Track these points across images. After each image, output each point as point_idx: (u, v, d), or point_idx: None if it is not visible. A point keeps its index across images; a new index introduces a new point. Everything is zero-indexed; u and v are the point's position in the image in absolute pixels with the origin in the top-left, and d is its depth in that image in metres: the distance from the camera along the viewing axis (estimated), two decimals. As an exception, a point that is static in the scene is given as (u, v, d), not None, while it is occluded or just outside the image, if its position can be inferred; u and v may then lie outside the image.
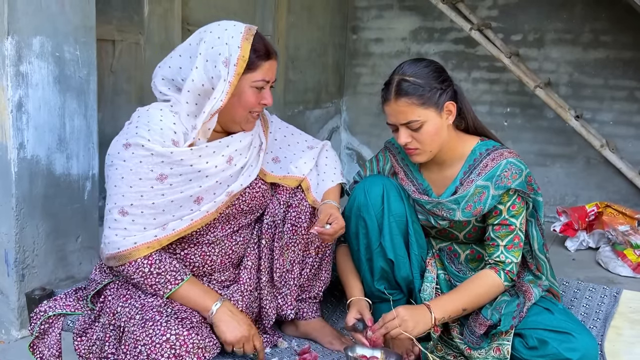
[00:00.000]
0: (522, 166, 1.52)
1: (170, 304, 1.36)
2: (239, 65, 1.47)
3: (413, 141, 1.50)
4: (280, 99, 4.36)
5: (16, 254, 2.24)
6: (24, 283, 2.28)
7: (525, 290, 1.48)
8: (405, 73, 1.52)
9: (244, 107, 1.52)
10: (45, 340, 1.48)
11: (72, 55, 2.35)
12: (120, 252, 1.35)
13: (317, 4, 4.68)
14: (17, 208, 2.22)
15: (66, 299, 1.55)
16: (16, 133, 2.19)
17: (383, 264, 1.54)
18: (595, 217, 3.72)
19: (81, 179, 2.45)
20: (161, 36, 3.22)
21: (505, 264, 1.48)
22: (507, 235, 1.49)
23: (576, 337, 1.34)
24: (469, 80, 4.78)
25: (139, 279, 1.37)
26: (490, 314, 1.43)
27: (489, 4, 4.61)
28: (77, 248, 2.47)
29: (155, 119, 1.47)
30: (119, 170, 1.40)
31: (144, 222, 1.35)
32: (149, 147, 1.40)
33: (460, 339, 1.48)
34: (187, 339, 1.26)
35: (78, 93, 2.39)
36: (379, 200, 1.52)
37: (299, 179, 1.66)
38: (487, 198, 1.49)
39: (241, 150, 1.55)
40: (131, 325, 1.29)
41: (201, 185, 1.44)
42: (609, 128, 4.27)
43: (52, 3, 2.24)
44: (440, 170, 1.60)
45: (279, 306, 1.59)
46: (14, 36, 2.14)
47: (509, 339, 1.37)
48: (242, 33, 1.52)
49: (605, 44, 4.26)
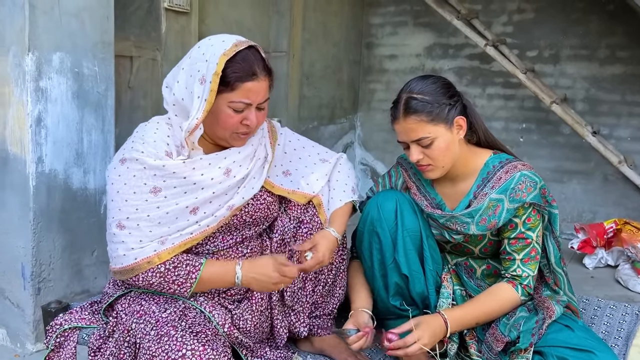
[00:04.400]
0: (536, 179, 1.51)
1: (184, 318, 1.35)
2: (213, 81, 1.40)
3: (425, 158, 1.49)
4: (294, 115, 4.38)
5: (32, 268, 2.26)
6: (40, 297, 2.29)
7: (547, 307, 1.45)
8: (412, 90, 1.51)
9: (222, 127, 1.45)
10: (60, 354, 1.47)
11: (91, 70, 2.38)
12: (124, 267, 1.35)
13: (332, 20, 4.72)
14: (35, 222, 2.23)
15: (81, 313, 1.55)
16: (35, 147, 2.21)
17: (398, 280, 1.52)
18: (614, 234, 3.66)
19: (98, 194, 2.46)
20: (178, 52, 3.25)
21: (522, 278, 1.46)
22: (523, 249, 1.47)
23: (598, 356, 1.30)
24: (484, 97, 4.77)
25: (159, 280, 1.35)
26: (508, 331, 1.40)
27: (503, 20, 4.61)
28: (92, 262, 2.48)
29: (150, 132, 1.46)
30: (115, 185, 1.40)
31: (140, 235, 1.34)
32: (142, 160, 1.40)
33: (479, 356, 1.45)
34: (203, 354, 1.25)
35: (96, 108, 2.41)
36: (393, 215, 1.51)
37: (309, 196, 1.62)
38: (501, 211, 1.47)
39: (240, 162, 1.51)
40: (146, 342, 1.28)
41: (197, 197, 1.41)
42: (626, 144, 4.22)
43: (72, 20, 2.28)
44: (454, 184, 1.58)
45: (292, 323, 1.57)
46: (34, 52, 2.17)
47: (528, 357, 1.34)
48: (225, 49, 1.44)
49: (622, 60, 4.23)
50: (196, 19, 3.37)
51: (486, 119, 4.74)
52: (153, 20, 3.12)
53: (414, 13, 4.95)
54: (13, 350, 2.34)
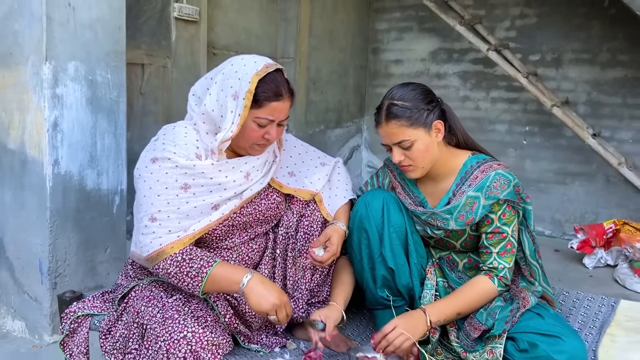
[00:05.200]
0: (510, 177, 1.60)
1: (188, 304, 1.48)
2: (247, 98, 1.53)
3: (406, 159, 1.60)
4: (301, 119, 4.50)
5: (49, 264, 2.39)
6: (56, 291, 2.42)
7: (523, 297, 1.55)
8: (394, 97, 1.62)
9: (246, 139, 1.60)
10: (74, 339, 1.61)
11: (104, 78, 2.52)
12: (150, 254, 1.46)
13: (338, 27, 4.84)
14: (51, 220, 2.37)
15: (94, 301, 1.69)
16: (51, 150, 2.35)
17: (384, 273, 1.63)
18: (613, 234, 3.73)
19: (110, 194, 2.60)
20: (187, 60, 3.39)
21: (499, 270, 1.56)
22: (499, 243, 1.57)
23: (565, 340, 1.41)
24: (488, 100, 4.86)
25: (175, 269, 1.46)
26: (484, 319, 1.51)
27: (506, 25, 4.70)
28: (105, 259, 2.61)
29: (181, 136, 1.59)
30: (147, 182, 1.52)
31: (169, 226, 1.47)
32: (174, 160, 1.53)
33: (457, 342, 1.56)
34: (202, 337, 1.37)
35: (109, 113, 2.55)
36: (380, 212, 1.62)
37: (313, 193, 1.77)
38: (478, 208, 1.57)
39: (258, 167, 1.67)
40: (153, 323, 1.41)
41: (220, 195, 1.55)
42: (628, 146, 4.28)
43: (86, 31, 2.42)
44: (435, 183, 1.69)
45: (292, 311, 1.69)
46: (51, 61, 2.32)
47: (502, 342, 1.45)
48: (257, 69, 1.56)
49: (623, 63, 4.29)
50: (205, 27, 3.51)
51: (490, 122, 4.85)
52: (163, 29, 3.26)
53: (419, 19, 5.06)
54: (31, 341, 2.48)
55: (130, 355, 1.44)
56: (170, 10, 3.24)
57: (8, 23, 2.38)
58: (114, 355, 1.49)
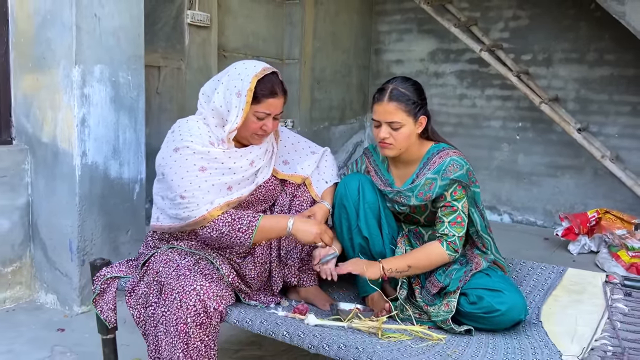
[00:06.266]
0: (463, 162, 1.88)
1: (197, 265, 1.78)
2: (248, 95, 1.82)
3: (390, 137, 1.89)
4: (306, 116, 4.80)
5: (78, 243, 2.71)
6: (84, 267, 2.74)
7: (476, 262, 1.84)
8: (398, 85, 1.91)
9: (247, 130, 1.90)
10: (104, 297, 1.93)
11: (125, 79, 2.84)
12: (195, 219, 1.77)
13: (341, 30, 5.13)
14: (80, 205, 2.69)
15: (120, 266, 1.99)
16: (80, 143, 2.67)
17: (360, 241, 1.93)
18: (596, 222, 3.98)
19: (131, 183, 2.91)
20: (200, 62, 3.70)
21: (448, 237, 1.85)
22: (450, 214, 1.86)
23: (505, 294, 1.69)
24: (483, 97, 5.12)
25: (228, 228, 1.78)
26: (443, 279, 1.80)
27: (500, 27, 4.96)
28: (127, 240, 2.93)
29: (195, 128, 1.90)
30: (173, 169, 1.83)
31: (197, 200, 1.78)
32: (192, 147, 1.83)
33: (421, 298, 1.84)
34: (209, 289, 1.66)
35: (129, 111, 2.87)
36: (356, 191, 1.93)
37: (303, 177, 2.07)
38: (435, 187, 1.86)
39: (260, 156, 1.97)
40: (169, 279, 1.70)
41: (231, 178, 1.86)
42: (614, 141, 4.52)
43: (110, 38, 2.74)
44: (402, 168, 1.99)
45: (285, 275, 2.00)
46: (80, 65, 2.63)
47: (456, 297, 1.73)
48: (256, 72, 1.84)
49: (609, 62, 4.54)
50: (216, 32, 3.82)
51: (485, 119, 5.13)
52: (178, 34, 3.58)
53: (418, 21, 5.33)
54: (62, 312, 2.80)
55: (151, 307, 1.74)
56: (183, 17, 3.56)
57: (42, 32, 2.71)
58: (137, 309, 1.80)
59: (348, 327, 1.66)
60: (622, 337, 1.57)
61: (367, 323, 1.65)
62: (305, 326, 1.62)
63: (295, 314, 1.73)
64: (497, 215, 5.09)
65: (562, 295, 1.92)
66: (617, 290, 1.90)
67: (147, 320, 1.76)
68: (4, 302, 2.83)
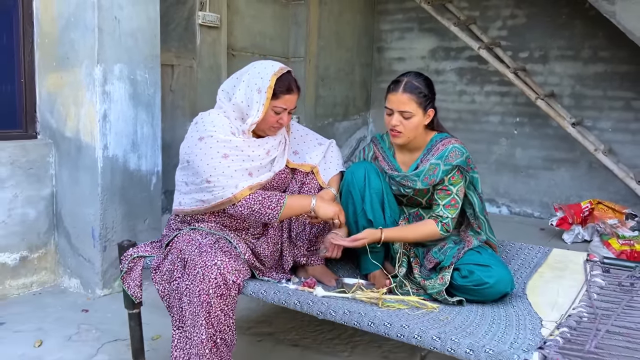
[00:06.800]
0: (463, 150, 2.06)
1: (217, 243, 1.96)
2: (268, 92, 2.02)
3: (400, 125, 2.08)
4: (311, 112, 4.99)
5: (100, 230, 2.91)
6: (106, 253, 2.94)
7: (468, 240, 2.03)
8: (412, 79, 2.11)
9: (265, 123, 2.10)
10: (131, 275, 2.12)
11: (142, 77, 3.03)
12: (223, 200, 1.97)
13: (344, 29, 5.31)
14: (102, 194, 2.89)
15: (145, 247, 2.18)
16: (102, 137, 2.87)
17: (365, 223, 2.11)
18: (589, 212, 4.16)
19: (148, 174, 3.11)
20: (210, 61, 3.89)
21: (443, 218, 2.04)
22: (445, 197, 2.05)
23: (493, 268, 1.87)
24: (482, 94, 5.30)
25: (258, 205, 1.97)
26: (438, 255, 1.99)
27: (498, 25, 5.13)
28: (144, 228, 3.12)
29: (217, 120, 2.11)
30: (198, 156, 2.03)
31: (223, 184, 1.98)
32: (216, 136, 2.03)
33: (419, 274, 2.02)
34: (228, 264, 1.84)
35: (147, 107, 3.06)
36: (362, 179, 2.11)
37: (312, 166, 2.27)
38: (438, 172, 2.05)
39: (275, 146, 2.17)
40: (192, 256, 1.88)
41: (250, 165, 2.06)
42: (608, 135, 4.69)
43: (128, 39, 2.93)
44: (409, 154, 2.18)
45: (295, 255, 2.19)
46: (101, 64, 2.83)
47: (449, 271, 1.92)
48: (275, 71, 2.05)
49: (603, 59, 4.71)
50: (225, 32, 4.01)
51: (484, 114, 5.31)
52: (190, 35, 3.77)
53: (419, 20, 5.51)
54: (85, 295, 3.00)
55: (175, 282, 1.93)
56: (195, 18, 3.75)
57: (66, 33, 2.90)
58: (162, 285, 1.99)
59: (352, 298, 1.85)
60: (596, 305, 1.76)
61: (369, 294, 1.84)
62: (314, 297, 1.81)
63: (304, 287, 1.93)
64: (495, 207, 5.27)
65: (546, 272, 2.10)
66: (596, 267, 2.09)
67: (171, 293, 1.95)
68: (31, 286, 3.03)
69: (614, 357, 1.42)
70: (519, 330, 1.64)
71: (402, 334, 1.55)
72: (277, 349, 2.44)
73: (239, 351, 2.33)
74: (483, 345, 1.44)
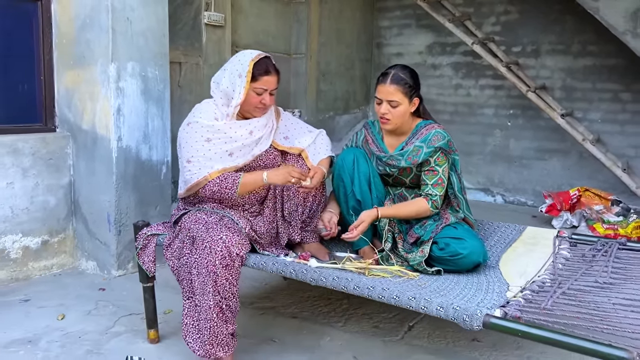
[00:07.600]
0: (445, 134, 2.29)
1: (222, 221, 2.19)
2: (247, 75, 2.29)
3: (388, 113, 2.31)
4: (313, 106, 5.21)
5: (115, 215, 3.15)
6: (120, 237, 3.18)
7: (446, 217, 2.26)
8: (398, 71, 2.33)
9: (248, 103, 2.33)
10: (145, 251, 2.36)
11: (153, 74, 3.26)
12: (195, 182, 2.20)
13: (345, 26, 5.52)
14: (116, 182, 3.13)
15: (157, 226, 2.42)
16: (116, 130, 3.10)
17: (354, 203, 2.34)
18: (577, 199, 4.36)
19: (159, 164, 3.35)
20: (215, 58, 4.12)
21: (432, 196, 2.27)
22: (433, 177, 2.28)
23: (467, 241, 2.10)
24: (477, 87, 5.50)
25: (217, 187, 2.21)
26: (419, 231, 2.22)
27: (492, 21, 5.33)
28: (155, 214, 3.36)
29: (205, 107, 2.35)
30: (184, 138, 2.28)
31: (200, 165, 2.21)
32: (200, 122, 2.27)
33: (402, 248, 2.25)
34: (233, 238, 2.07)
35: (157, 102, 3.29)
36: (351, 163, 2.35)
37: (300, 149, 2.50)
38: (421, 153, 2.29)
39: (259, 128, 2.39)
40: (200, 232, 2.11)
41: (232, 145, 2.29)
42: (597, 125, 4.89)
43: (139, 38, 3.17)
44: (396, 138, 2.41)
45: (290, 233, 2.42)
46: (115, 62, 3.06)
47: (428, 245, 2.15)
48: (252, 57, 2.27)
49: (592, 53, 4.90)
50: (230, 30, 4.24)
51: (479, 107, 5.52)
52: (196, 33, 4.00)
53: (416, 16, 5.71)
54: (102, 276, 3.25)
55: (184, 257, 2.17)
56: (201, 18, 3.98)
57: (82, 33, 3.14)
58: (172, 260, 2.22)
59: (342, 268, 2.08)
60: (559, 274, 1.98)
61: (357, 264, 2.07)
62: (308, 267, 2.04)
63: (300, 260, 2.16)
64: (490, 196, 5.48)
65: (519, 247, 2.32)
66: (564, 242, 2.30)
67: (181, 268, 2.19)
68: (52, 268, 3.28)
69: (564, 312, 1.64)
70: (487, 293, 1.86)
71: (382, 296, 1.78)
72: (278, 320, 2.68)
73: (244, 322, 2.57)
74: (452, 303, 1.67)
